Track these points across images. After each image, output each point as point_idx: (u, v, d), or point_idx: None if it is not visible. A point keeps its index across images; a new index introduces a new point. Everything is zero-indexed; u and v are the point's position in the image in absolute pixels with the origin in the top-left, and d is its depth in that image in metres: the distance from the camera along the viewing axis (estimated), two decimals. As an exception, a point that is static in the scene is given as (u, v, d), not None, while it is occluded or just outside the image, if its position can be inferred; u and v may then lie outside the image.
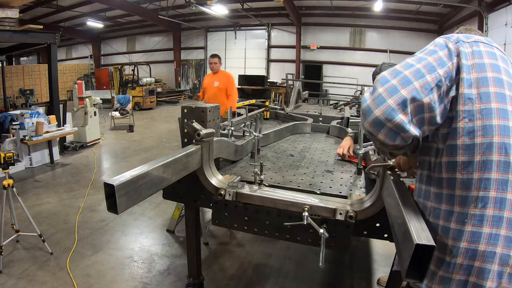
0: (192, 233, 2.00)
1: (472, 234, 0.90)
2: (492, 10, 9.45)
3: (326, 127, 3.30)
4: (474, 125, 0.91)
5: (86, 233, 3.34)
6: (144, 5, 14.78)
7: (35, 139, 5.22)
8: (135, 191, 1.12)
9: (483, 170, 0.90)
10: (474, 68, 0.93)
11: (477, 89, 0.92)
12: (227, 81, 4.97)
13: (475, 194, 0.91)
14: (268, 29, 16.89)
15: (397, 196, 1.04)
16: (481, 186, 0.90)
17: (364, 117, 0.93)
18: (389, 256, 2.94)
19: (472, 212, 0.91)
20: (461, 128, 0.92)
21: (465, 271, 0.91)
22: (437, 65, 0.91)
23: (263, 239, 3.24)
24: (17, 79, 14.02)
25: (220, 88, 4.93)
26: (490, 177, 0.89)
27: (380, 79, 0.93)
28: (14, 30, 5.11)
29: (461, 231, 0.92)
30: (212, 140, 1.63)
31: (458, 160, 0.93)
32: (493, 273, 0.89)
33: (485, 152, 0.90)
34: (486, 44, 0.99)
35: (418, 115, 0.90)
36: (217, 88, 4.94)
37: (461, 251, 0.91)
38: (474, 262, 0.90)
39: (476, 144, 0.91)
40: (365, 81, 11.81)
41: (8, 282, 2.53)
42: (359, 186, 1.79)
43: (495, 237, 0.89)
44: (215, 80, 4.96)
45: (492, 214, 0.89)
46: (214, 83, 4.95)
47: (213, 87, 4.95)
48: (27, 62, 21.16)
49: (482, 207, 0.90)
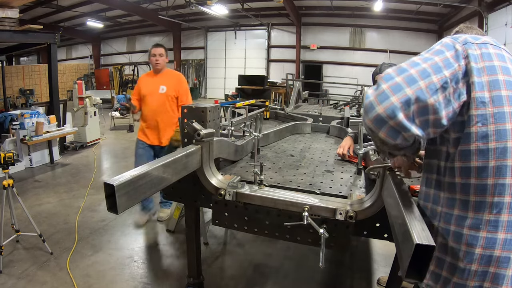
0: (192, 233, 2.00)
1: (487, 240, 0.89)
2: (492, 10, 9.45)
3: (326, 127, 3.30)
4: (488, 130, 0.89)
5: (86, 233, 3.34)
6: (144, 5, 14.78)
7: (35, 139, 5.22)
8: (135, 191, 1.11)
9: (498, 175, 0.88)
10: (484, 71, 0.90)
11: (489, 93, 0.89)
12: (179, 85, 3.37)
13: (490, 200, 0.89)
14: (268, 29, 16.90)
15: (397, 196, 1.04)
16: (496, 191, 0.89)
17: (365, 113, 0.91)
18: (389, 256, 2.94)
19: (487, 218, 0.89)
20: (474, 133, 0.90)
21: (480, 277, 0.91)
22: (443, 65, 0.89)
23: (263, 239, 3.24)
24: (17, 79, 14.02)
25: (169, 95, 3.32)
26: (504, 182, 0.88)
27: (385, 76, 0.90)
28: (14, 30, 5.11)
29: (476, 237, 0.90)
30: (212, 140, 1.63)
31: (472, 165, 0.91)
32: (508, 278, 0.89)
33: (499, 157, 0.88)
34: (495, 46, 0.97)
35: (422, 116, 0.87)
36: (165, 96, 3.31)
37: (476, 257, 0.90)
38: (489, 268, 0.89)
39: (490, 149, 0.89)
40: (365, 81, 11.81)
41: (8, 282, 2.52)
42: (359, 186, 1.78)
43: (510, 242, 0.88)
44: (160, 84, 3.32)
45: (507, 219, 0.88)
46: (159, 88, 3.31)
47: (157, 93, 3.31)
48: (27, 62, 21.16)
49: (497, 213, 0.89)
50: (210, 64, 18.88)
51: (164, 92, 3.31)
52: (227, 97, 12.67)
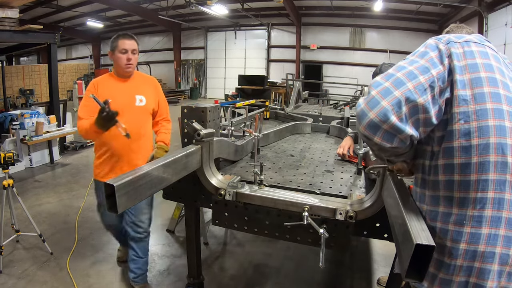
0: (192, 233, 2.00)
1: (471, 235, 0.90)
2: (492, 10, 9.45)
3: (326, 127, 3.30)
4: (470, 127, 0.90)
5: (86, 233, 3.34)
6: (144, 5, 14.79)
7: (35, 139, 5.22)
8: (135, 191, 1.12)
9: (481, 171, 0.90)
10: (466, 69, 0.92)
11: (471, 90, 0.91)
12: (158, 95, 2.40)
13: (473, 196, 0.90)
14: (268, 29, 16.90)
15: (397, 196, 1.04)
16: (479, 187, 0.90)
17: (359, 121, 0.93)
18: (389, 256, 2.94)
19: (470, 213, 0.91)
20: (457, 130, 0.92)
21: (465, 272, 0.91)
22: (429, 65, 0.91)
23: (263, 239, 3.24)
24: (17, 79, 14.01)
25: (148, 109, 2.30)
26: (487, 178, 0.89)
27: (373, 83, 0.93)
28: (14, 30, 5.11)
29: (460, 232, 0.92)
30: (212, 140, 1.63)
31: (455, 162, 0.92)
32: (493, 273, 0.89)
33: (482, 153, 0.90)
34: (478, 44, 0.98)
35: (413, 116, 0.89)
36: (145, 110, 2.28)
37: (461, 253, 0.91)
38: (474, 263, 0.90)
39: (472, 146, 0.90)
40: (365, 81, 11.81)
41: (8, 282, 2.53)
42: (359, 186, 1.78)
43: (494, 237, 0.89)
44: (134, 93, 2.24)
45: (490, 214, 0.89)
46: (135, 100, 2.22)
47: (133, 107, 2.22)
48: (27, 62, 21.16)
49: (481, 208, 0.90)
50: (210, 64, 18.89)
51: (144, 105, 2.24)
52: (227, 97, 12.69)
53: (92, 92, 2.08)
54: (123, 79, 2.26)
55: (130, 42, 2.21)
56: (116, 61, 2.20)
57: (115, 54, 2.19)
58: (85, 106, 2.15)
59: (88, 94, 2.03)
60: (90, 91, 2.15)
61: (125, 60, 2.17)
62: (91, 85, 2.23)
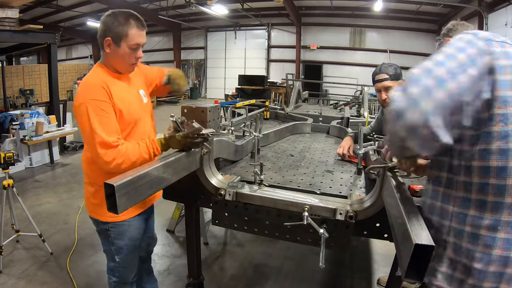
0: (192, 233, 2.00)
1: (506, 241, 0.89)
2: (492, 10, 9.45)
3: (326, 127, 3.30)
4: (509, 129, 0.88)
5: (86, 233, 3.34)
6: (144, 5, 14.78)
7: (35, 139, 5.22)
8: (135, 191, 1.12)
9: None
10: (507, 70, 0.88)
11: None
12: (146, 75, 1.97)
13: (509, 201, 0.89)
14: (268, 29, 16.90)
15: (397, 196, 1.04)
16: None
17: (395, 120, 0.83)
18: (389, 256, 2.94)
19: (505, 219, 0.89)
20: (496, 132, 0.89)
21: (497, 278, 0.90)
22: (469, 63, 0.85)
23: (263, 239, 3.24)
24: (17, 79, 14.00)
25: (151, 104, 1.92)
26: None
27: (412, 77, 0.85)
28: (14, 30, 5.11)
29: (493, 238, 0.90)
30: (212, 140, 1.63)
31: (491, 165, 0.90)
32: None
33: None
34: (511, 45, 0.95)
35: (452, 119, 0.83)
36: (149, 107, 1.87)
37: (494, 259, 0.90)
38: (506, 269, 0.89)
39: (510, 149, 0.88)
40: (365, 81, 11.78)
41: (8, 282, 2.53)
42: (359, 186, 1.79)
43: None
44: (136, 89, 1.77)
45: None
46: (140, 97, 1.78)
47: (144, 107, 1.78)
48: (27, 62, 21.15)
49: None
50: (210, 64, 18.88)
51: (147, 102, 1.84)
52: (227, 97, 12.68)
53: (107, 99, 1.50)
54: (120, 74, 1.69)
55: (144, 34, 1.68)
56: (121, 55, 1.59)
57: (120, 46, 1.57)
58: (103, 123, 1.44)
59: (101, 104, 1.46)
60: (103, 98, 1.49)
61: (134, 59, 1.64)
62: (101, 90, 1.51)
